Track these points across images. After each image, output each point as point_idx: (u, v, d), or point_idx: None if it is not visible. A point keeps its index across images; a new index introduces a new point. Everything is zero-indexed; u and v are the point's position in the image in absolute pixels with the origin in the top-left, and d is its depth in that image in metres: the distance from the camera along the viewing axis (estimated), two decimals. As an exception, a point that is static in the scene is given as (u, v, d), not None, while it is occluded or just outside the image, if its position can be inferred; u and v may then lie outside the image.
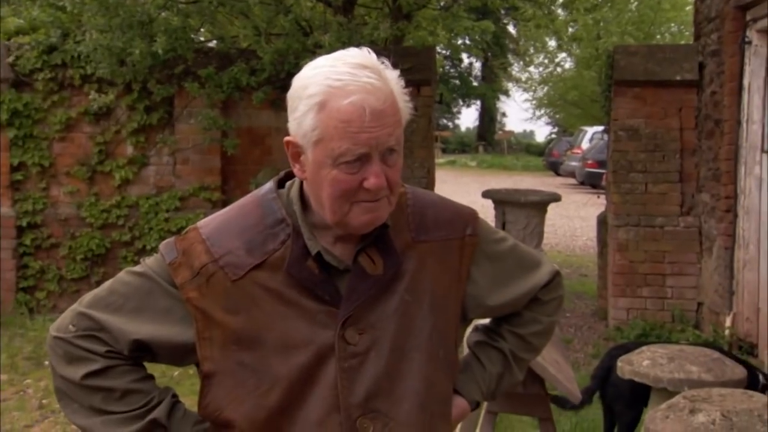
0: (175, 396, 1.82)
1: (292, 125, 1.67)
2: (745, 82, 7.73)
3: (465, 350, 2.06)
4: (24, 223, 9.21)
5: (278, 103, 9.07)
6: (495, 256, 1.91)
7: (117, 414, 1.73)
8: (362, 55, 1.68)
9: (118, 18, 8.03)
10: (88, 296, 1.79)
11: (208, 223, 1.79)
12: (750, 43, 7.69)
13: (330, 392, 1.69)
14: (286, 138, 1.70)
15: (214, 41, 9.60)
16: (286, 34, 8.33)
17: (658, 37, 24.85)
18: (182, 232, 1.80)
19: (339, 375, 1.68)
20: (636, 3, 24.86)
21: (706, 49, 8.49)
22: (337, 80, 1.61)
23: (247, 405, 1.69)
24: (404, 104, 1.69)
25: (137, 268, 1.79)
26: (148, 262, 1.79)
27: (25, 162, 9.23)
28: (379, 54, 1.72)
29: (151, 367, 1.83)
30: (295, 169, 1.73)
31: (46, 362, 7.36)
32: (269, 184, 1.81)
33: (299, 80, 1.67)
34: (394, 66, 1.72)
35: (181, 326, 1.71)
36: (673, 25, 25.70)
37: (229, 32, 9.59)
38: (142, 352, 1.75)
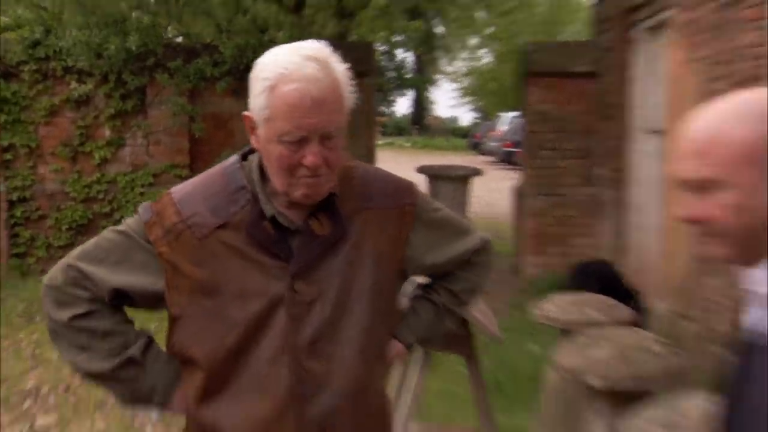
0: (150, 337, 1.82)
1: (250, 102, 1.66)
2: (632, 73, 7.88)
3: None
4: (14, 197, 9.05)
5: (239, 92, 8.99)
6: (431, 223, 1.90)
7: (98, 352, 1.74)
8: (315, 47, 1.65)
9: (95, 17, 7.92)
10: (76, 250, 1.79)
11: (180, 188, 1.78)
12: (636, 40, 7.84)
13: (280, 336, 1.68)
14: (245, 113, 1.69)
15: (181, 37, 9.45)
16: (245, 31, 8.26)
17: (560, 36, 25.06)
18: (158, 196, 1.80)
19: (288, 321, 1.68)
20: (542, 7, 25.06)
21: (601, 46, 8.61)
22: (285, 68, 1.59)
23: (208, 345, 1.69)
24: (348, 94, 1.67)
25: (119, 227, 1.79)
26: (128, 222, 1.78)
27: (14, 144, 9.04)
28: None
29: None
30: (252, 140, 1.72)
31: (38, 318, 7.31)
32: (234, 157, 1.80)
33: (259, 64, 1.66)
34: (341, 59, 1.70)
35: (155, 276, 1.71)
36: (572, 26, 25.95)
37: (194, 29, 9.46)
38: (122, 298, 1.76)
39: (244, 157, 1.81)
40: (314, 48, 1.65)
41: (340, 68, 1.66)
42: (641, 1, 7.41)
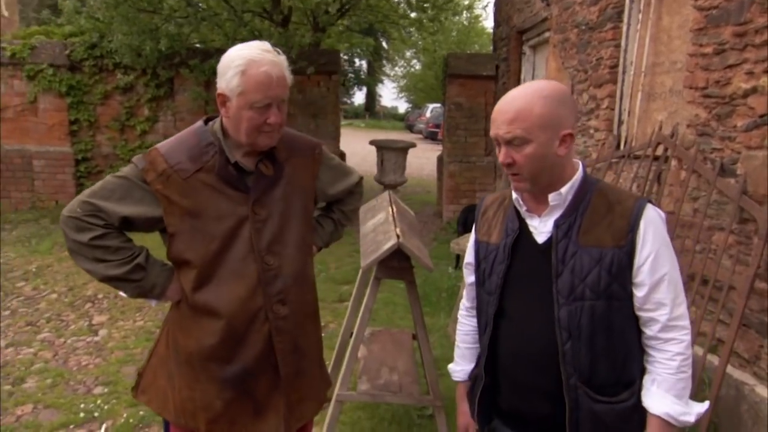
0: (147, 250, 1.75)
1: (221, 83, 1.61)
2: (522, 77, 7.67)
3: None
4: (79, 157, 8.53)
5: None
6: (330, 167, 1.92)
7: (113, 262, 1.65)
8: (265, 45, 1.63)
9: (135, 27, 7.39)
10: (87, 191, 1.66)
11: (163, 145, 1.69)
12: (525, 54, 7.61)
13: (247, 242, 1.67)
14: (218, 91, 1.62)
15: (199, 43, 8.89)
16: (246, 39, 7.75)
17: (469, 50, 24.68)
18: (146, 151, 1.70)
19: (252, 232, 1.68)
20: (456, 31, 24.60)
21: (500, 57, 8.38)
22: (253, 57, 1.58)
23: (197, 251, 1.65)
24: (289, 75, 1.66)
25: (119, 174, 1.67)
26: (125, 170, 1.67)
27: (79, 118, 8.49)
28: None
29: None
30: (222, 111, 1.66)
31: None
32: (200, 122, 1.74)
33: (227, 57, 1.62)
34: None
35: (152, 206, 1.65)
36: (476, 45, 25.56)
37: (209, 37, 8.93)
38: (127, 224, 1.66)
39: (205, 123, 1.76)
40: (265, 45, 1.63)
41: (283, 58, 1.66)
42: (528, 26, 7.16)
